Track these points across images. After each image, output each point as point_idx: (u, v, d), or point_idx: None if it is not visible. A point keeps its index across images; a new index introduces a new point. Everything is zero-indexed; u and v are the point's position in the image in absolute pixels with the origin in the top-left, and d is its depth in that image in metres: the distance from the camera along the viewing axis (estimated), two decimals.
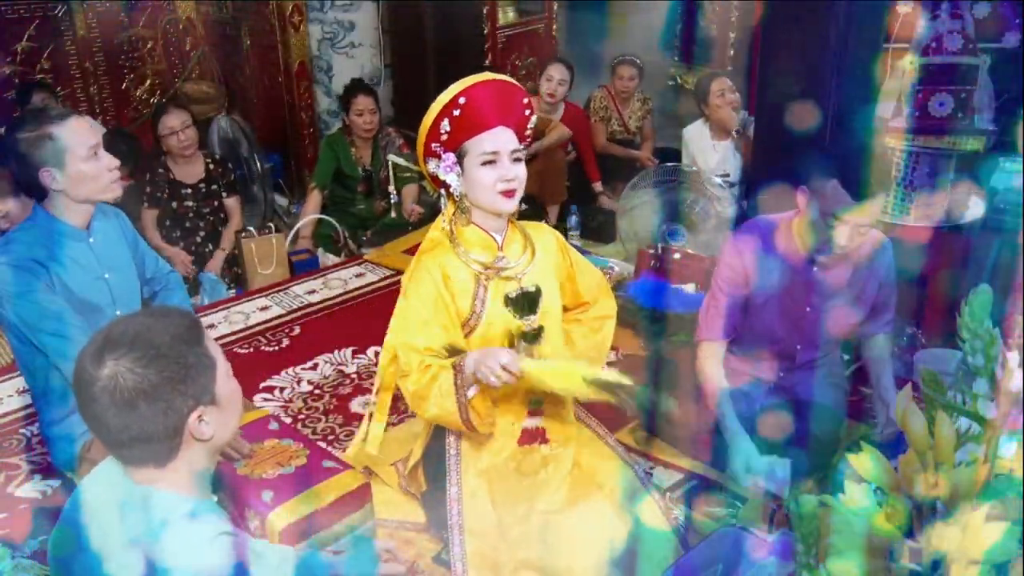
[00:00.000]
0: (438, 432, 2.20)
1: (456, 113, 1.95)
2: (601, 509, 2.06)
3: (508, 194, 2.01)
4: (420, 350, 2.02)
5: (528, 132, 2.12)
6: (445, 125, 1.97)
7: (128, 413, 1.23)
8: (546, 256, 2.17)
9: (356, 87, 4.38)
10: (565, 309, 2.25)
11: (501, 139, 2.00)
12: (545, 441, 2.17)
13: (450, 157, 2.01)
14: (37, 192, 2.26)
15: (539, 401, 2.16)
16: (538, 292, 2.11)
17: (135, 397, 1.22)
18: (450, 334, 2.04)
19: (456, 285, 2.06)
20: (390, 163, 4.41)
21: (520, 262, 2.11)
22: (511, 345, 2.09)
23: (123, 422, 1.24)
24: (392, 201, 4.39)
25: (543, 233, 2.23)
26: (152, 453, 1.28)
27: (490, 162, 1.99)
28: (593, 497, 2.08)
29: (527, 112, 2.08)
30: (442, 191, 2.10)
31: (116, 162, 2.28)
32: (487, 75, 2.01)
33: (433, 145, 2.01)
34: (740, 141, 4.11)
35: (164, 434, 1.27)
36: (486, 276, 2.07)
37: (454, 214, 2.08)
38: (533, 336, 2.11)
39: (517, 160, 2.02)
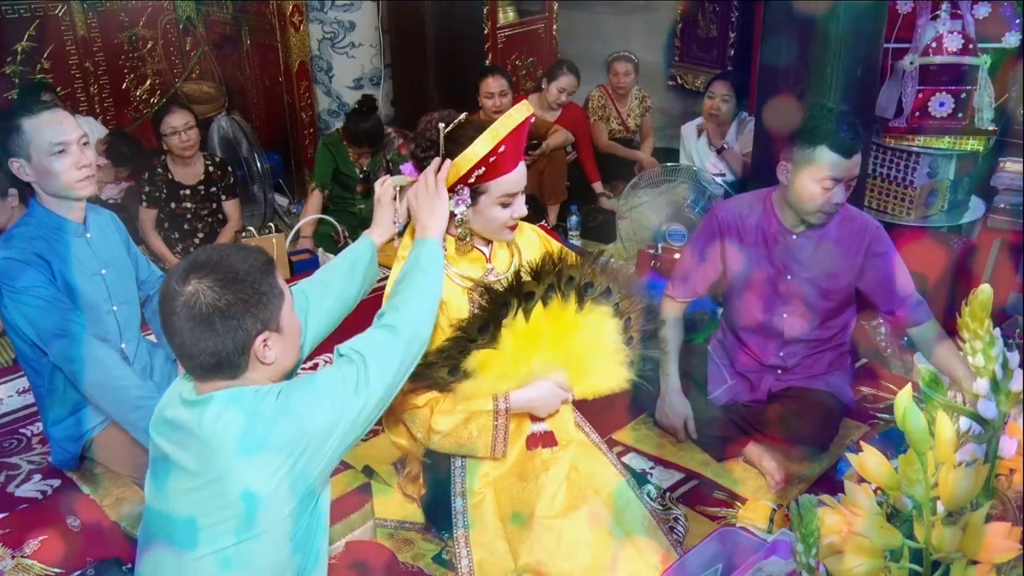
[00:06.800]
0: None
1: (492, 160, 1.89)
2: (599, 512, 2.04)
3: (514, 227, 2.04)
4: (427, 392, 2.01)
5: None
6: (480, 171, 1.90)
7: (204, 327, 1.40)
8: (532, 255, 2.13)
9: (363, 129, 4.22)
10: None
11: (520, 178, 1.97)
12: (554, 443, 2.13)
13: (466, 191, 1.94)
14: (19, 182, 2.26)
15: None
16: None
17: (211, 313, 1.40)
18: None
19: (452, 308, 2.04)
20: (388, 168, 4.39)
21: (510, 271, 2.08)
22: None
23: (198, 335, 1.40)
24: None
25: (524, 231, 2.20)
26: (220, 368, 1.44)
27: (508, 203, 1.98)
28: (591, 500, 2.06)
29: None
30: None
31: (87, 162, 2.24)
32: (517, 115, 1.87)
33: (459, 187, 1.93)
34: (729, 154, 4.12)
35: (232, 351, 1.42)
36: (479, 292, 2.04)
37: (458, 239, 2.03)
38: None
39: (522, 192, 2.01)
